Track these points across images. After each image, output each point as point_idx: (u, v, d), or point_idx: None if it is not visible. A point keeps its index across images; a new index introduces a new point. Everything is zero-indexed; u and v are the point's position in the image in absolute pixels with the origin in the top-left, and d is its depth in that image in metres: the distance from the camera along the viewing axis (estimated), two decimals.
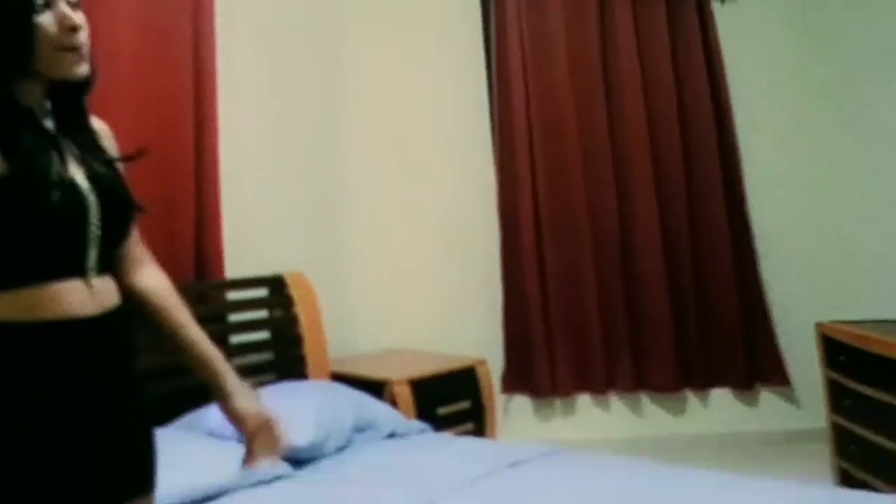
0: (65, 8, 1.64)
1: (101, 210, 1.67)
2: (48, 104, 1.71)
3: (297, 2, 4.97)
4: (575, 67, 5.45)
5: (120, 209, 1.76)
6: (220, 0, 4.32)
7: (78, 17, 1.66)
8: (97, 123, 1.86)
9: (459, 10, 5.58)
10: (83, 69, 1.68)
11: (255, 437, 1.96)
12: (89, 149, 1.75)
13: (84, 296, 1.64)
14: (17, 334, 1.54)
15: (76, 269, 1.64)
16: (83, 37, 1.67)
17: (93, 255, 1.67)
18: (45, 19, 1.61)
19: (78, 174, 1.66)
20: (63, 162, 1.63)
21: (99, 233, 1.67)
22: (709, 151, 5.44)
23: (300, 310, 4.35)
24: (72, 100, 1.75)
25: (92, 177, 1.68)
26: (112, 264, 1.77)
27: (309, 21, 5.05)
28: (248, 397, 1.98)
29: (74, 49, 1.65)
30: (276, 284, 4.39)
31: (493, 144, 5.54)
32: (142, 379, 1.83)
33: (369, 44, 5.36)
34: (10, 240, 1.54)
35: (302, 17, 5.00)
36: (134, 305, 1.88)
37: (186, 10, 4.13)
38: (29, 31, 1.59)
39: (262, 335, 4.32)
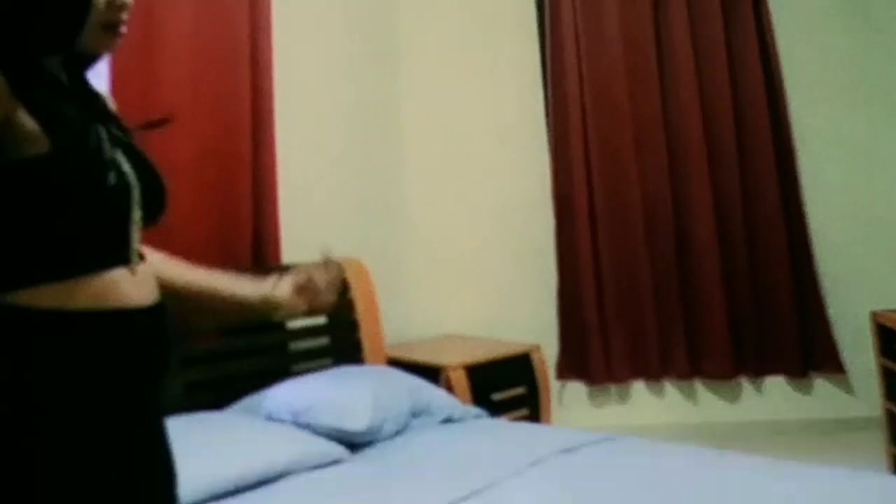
0: None
1: (140, 189, 1.53)
2: (63, 76, 1.53)
3: None
4: (629, 58, 5.43)
5: (156, 187, 1.59)
6: None
7: None
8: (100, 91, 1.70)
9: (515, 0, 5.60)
10: (116, 46, 1.57)
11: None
12: (108, 119, 1.58)
13: (132, 285, 1.49)
14: (85, 322, 1.41)
15: (122, 257, 1.49)
16: (126, 16, 1.55)
17: (136, 239, 1.53)
18: None
19: (117, 151, 1.50)
20: (111, 139, 1.50)
21: (141, 213, 1.53)
22: (763, 141, 5.39)
23: (357, 295, 4.39)
24: (79, 68, 1.59)
25: (124, 151, 1.53)
26: None
27: (364, 11, 5.09)
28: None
29: (117, 26, 1.54)
30: None
31: (548, 131, 5.55)
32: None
33: (425, 32, 5.40)
34: (61, 225, 1.38)
35: (357, 8, 5.04)
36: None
37: (243, 4, 4.18)
38: (86, 5, 1.45)
39: (319, 320, 4.34)
